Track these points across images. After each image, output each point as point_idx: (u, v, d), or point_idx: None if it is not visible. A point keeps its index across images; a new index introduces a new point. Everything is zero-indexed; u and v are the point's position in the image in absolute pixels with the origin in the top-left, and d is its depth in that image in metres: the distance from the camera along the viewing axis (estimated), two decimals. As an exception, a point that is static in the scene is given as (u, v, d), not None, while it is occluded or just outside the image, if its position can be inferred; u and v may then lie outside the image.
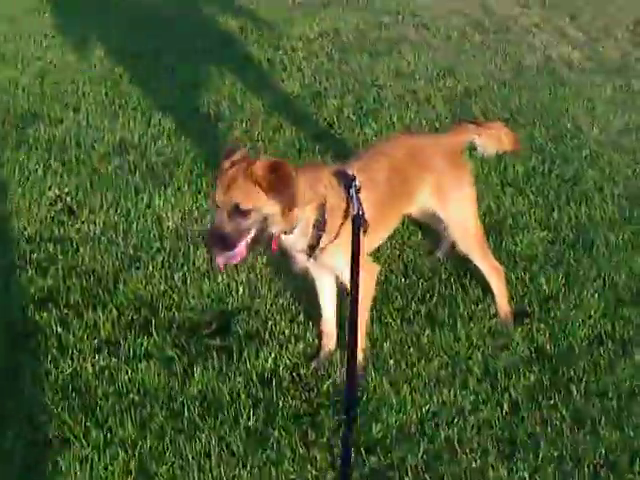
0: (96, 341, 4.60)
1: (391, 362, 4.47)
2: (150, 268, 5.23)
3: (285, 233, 3.96)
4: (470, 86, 8.54)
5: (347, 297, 4.02)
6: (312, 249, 4.08)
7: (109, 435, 3.90)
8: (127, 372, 4.34)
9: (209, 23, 10.06)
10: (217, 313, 4.92)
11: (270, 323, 4.80)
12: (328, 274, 4.48)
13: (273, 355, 4.50)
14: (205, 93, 7.95)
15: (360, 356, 4.26)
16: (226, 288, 5.11)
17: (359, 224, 4.06)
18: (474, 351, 4.57)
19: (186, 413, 4.05)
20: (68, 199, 6.01)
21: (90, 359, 4.43)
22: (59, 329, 4.64)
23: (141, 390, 4.22)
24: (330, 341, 4.62)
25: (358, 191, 4.11)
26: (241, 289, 5.09)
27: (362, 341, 4.28)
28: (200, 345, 4.60)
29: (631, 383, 4.27)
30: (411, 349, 4.59)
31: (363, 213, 4.08)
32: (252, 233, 3.76)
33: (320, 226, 4.01)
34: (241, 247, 3.77)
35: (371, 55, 9.29)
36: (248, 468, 3.72)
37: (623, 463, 3.75)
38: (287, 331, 4.74)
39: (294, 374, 4.40)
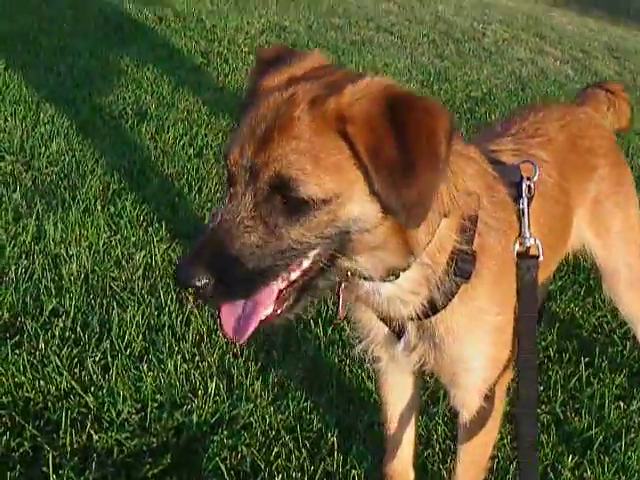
0: None
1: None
2: (40, 345, 2.95)
3: (382, 278, 1.80)
4: (473, 93, 6.73)
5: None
6: (430, 312, 1.92)
7: None
8: None
9: (117, 9, 7.83)
10: (171, 431, 2.70)
11: (277, 453, 2.62)
12: (412, 382, 2.40)
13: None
14: (119, 87, 5.72)
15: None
16: (183, 381, 2.88)
17: (534, 270, 2.05)
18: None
19: None
20: None
21: None
22: None
23: None
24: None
25: (530, 201, 2.09)
26: (212, 385, 2.87)
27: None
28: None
29: None
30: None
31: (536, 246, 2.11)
32: (311, 262, 1.66)
33: (466, 264, 1.86)
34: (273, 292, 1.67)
35: (336, 53, 7.34)
36: None
37: None
38: (313, 467, 2.57)
39: None
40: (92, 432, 2.63)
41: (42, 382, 2.81)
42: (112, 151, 4.57)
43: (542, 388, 3.05)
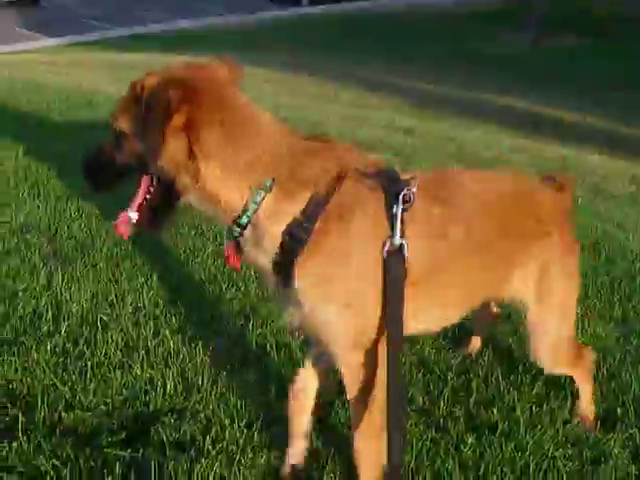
0: None
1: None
2: (34, 354, 3.54)
3: (230, 227, 2.59)
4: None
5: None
6: (280, 267, 2.54)
7: None
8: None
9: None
10: (131, 416, 3.24)
11: (215, 429, 3.11)
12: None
13: (218, 472, 2.79)
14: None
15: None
16: (147, 382, 3.43)
17: (399, 265, 2.50)
18: (551, 465, 2.93)
19: None
20: None
21: None
22: None
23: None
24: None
25: (406, 209, 2.53)
26: (170, 384, 3.40)
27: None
28: (96, 457, 2.88)
29: None
30: (448, 464, 2.91)
31: (403, 246, 2.51)
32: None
33: (299, 230, 2.46)
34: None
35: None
36: None
37: None
38: (242, 441, 3.05)
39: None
40: (62, 411, 3.18)
41: (26, 377, 3.39)
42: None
43: (462, 394, 3.49)
